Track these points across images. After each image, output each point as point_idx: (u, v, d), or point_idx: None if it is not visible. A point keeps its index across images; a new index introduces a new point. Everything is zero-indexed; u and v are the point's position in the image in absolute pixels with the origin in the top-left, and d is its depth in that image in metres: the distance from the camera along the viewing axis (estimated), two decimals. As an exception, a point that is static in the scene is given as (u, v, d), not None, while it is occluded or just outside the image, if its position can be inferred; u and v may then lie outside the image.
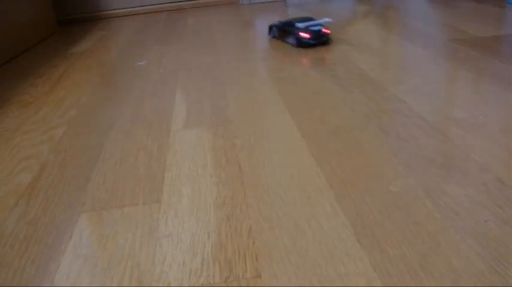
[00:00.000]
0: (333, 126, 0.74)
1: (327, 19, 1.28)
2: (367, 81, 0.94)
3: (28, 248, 0.52)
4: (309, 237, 0.49)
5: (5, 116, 0.95)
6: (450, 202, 0.53)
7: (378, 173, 0.60)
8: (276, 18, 1.70)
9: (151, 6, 2.12)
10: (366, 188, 0.57)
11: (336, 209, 0.53)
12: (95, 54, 1.41)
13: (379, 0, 1.89)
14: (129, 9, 2.11)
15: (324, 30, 1.23)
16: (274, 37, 1.35)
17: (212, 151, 0.71)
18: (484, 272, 0.42)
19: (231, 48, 1.32)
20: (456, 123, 0.72)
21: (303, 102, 0.86)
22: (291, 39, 1.25)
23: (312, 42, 1.21)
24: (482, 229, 0.48)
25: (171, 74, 1.12)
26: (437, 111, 0.77)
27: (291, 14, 1.53)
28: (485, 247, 0.45)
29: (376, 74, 0.98)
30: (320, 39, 1.22)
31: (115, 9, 2.09)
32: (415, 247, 0.46)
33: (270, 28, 1.36)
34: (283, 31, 1.29)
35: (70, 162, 0.72)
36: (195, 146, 0.73)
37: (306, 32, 1.20)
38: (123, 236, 0.52)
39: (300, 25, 1.22)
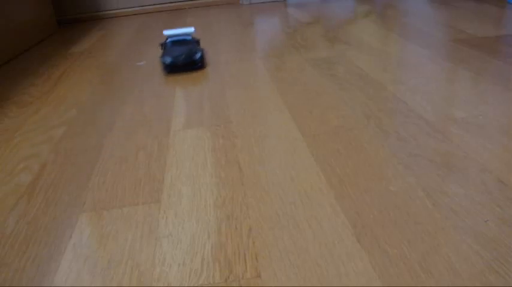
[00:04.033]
0: (333, 127, 0.74)
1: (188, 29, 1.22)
2: (367, 81, 0.94)
3: (28, 248, 0.52)
4: (309, 237, 0.49)
5: (5, 116, 0.95)
6: (450, 202, 0.53)
7: (378, 173, 0.60)
8: (276, 19, 1.70)
9: (151, 6, 2.12)
10: (366, 188, 0.57)
11: (336, 209, 0.53)
12: (95, 54, 1.41)
13: (379, 0, 1.89)
14: (129, 9, 2.11)
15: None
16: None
17: (212, 151, 0.71)
18: (484, 272, 0.42)
19: (231, 48, 1.32)
20: (456, 123, 0.72)
21: (303, 102, 0.86)
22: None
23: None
24: (482, 229, 0.48)
25: (171, 74, 1.12)
26: (437, 111, 0.77)
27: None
28: (485, 247, 0.45)
29: (376, 74, 0.98)
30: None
31: (115, 9, 2.09)
32: (415, 247, 0.46)
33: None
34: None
35: (70, 162, 0.72)
36: (195, 146, 0.73)
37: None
38: (123, 236, 0.52)
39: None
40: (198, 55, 1.11)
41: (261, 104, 0.87)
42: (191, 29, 1.23)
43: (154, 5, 2.12)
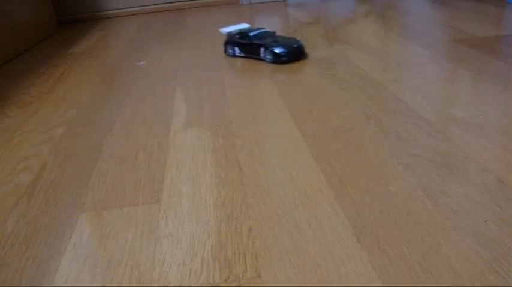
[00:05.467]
0: (333, 127, 0.74)
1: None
2: (367, 81, 0.94)
3: (28, 248, 0.52)
4: (309, 237, 0.49)
5: (5, 116, 0.95)
6: (450, 202, 0.53)
7: (378, 173, 0.60)
8: (276, 19, 1.70)
9: (151, 6, 2.12)
10: (366, 188, 0.57)
11: (336, 209, 0.53)
12: (95, 54, 1.41)
13: (379, 0, 1.89)
14: (129, 9, 2.11)
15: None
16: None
17: (212, 151, 0.71)
18: (484, 272, 0.42)
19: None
20: (456, 123, 0.72)
21: (303, 102, 0.86)
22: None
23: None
24: (482, 229, 0.48)
25: (171, 74, 1.12)
26: (437, 111, 0.77)
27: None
28: (485, 247, 0.45)
29: (376, 74, 0.98)
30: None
31: (115, 9, 2.09)
32: (415, 247, 0.46)
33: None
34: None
35: (70, 162, 0.72)
36: (195, 146, 0.73)
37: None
38: (123, 236, 0.52)
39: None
40: (301, 44, 1.14)
41: (261, 104, 0.87)
42: (246, 25, 1.26)
43: (154, 5, 2.12)
